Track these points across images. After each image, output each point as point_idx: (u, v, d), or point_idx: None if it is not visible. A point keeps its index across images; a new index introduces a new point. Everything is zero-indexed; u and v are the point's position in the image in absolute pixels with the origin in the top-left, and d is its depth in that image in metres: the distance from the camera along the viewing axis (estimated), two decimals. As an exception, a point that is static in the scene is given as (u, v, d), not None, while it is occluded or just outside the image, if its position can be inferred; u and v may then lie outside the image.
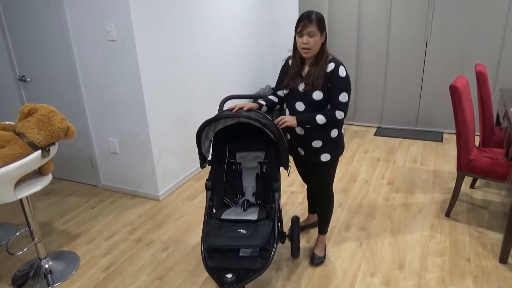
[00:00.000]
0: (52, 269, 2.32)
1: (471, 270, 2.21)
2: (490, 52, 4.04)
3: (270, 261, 1.79)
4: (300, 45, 1.91)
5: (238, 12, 3.98)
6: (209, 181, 2.05)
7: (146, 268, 2.35)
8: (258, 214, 1.99)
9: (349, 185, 3.30)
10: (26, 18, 3.03)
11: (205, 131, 1.96)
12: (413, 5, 4.17)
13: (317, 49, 1.92)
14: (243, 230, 1.85)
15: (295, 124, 1.98)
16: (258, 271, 1.78)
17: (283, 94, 2.15)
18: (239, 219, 1.95)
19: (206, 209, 2.01)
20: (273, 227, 1.89)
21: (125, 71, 2.82)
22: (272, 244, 1.84)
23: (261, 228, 1.86)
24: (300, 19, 1.88)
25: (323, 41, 1.93)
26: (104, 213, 3.00)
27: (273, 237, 1.86)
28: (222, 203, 2.15)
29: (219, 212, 2.03)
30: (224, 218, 1.97)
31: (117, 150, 3.16)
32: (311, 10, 1.91)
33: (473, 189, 3.14)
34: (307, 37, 1.87)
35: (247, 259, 1.81)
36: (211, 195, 2.06)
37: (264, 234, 1.81)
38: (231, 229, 1.87)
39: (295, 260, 2.36)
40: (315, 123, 1.96)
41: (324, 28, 1.91)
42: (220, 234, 1.83)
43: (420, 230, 2.61)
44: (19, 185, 2.04)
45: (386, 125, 4.80)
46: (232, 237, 1.81)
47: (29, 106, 1.99)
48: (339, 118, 1.97)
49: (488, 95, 2.94)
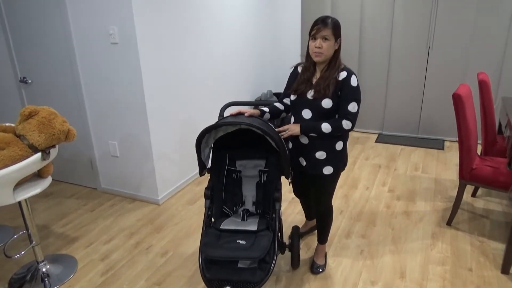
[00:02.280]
0: (49, 273, 2.29)
1: (472, 280, 2.19)
2: (492, 60, 4.04)
3: (270, 273, 1.75)
4: (312, 49, 1.87)
5: (240, 17, 3.98)
6: (208, 189, 2.01)
7: (145, 273, 2.32)
8: (258, 224, 1.95)
9: (350, 192, 3.28)
10: (28, 19, 3.02)
11: (205, 138, 1.92)
12: (415, 12, 4.17)
13: (330, 55, 1.88)
14: (243, 241, 1.80)
15: (298, 132, 1.94)
16: (257, 283, 1.73)
17: (290, 102, 2.09)
18: (239, 230, 1.91)
19: (205, 218, 1.96)
20: (273, 238, 1.84)
21: (127, 74, 2.81)
22: (272, 255, 1.80)
23: (261, 239, 1.82)
24: (315, 22, 1.85)
25: (336, 48, 1.89)
26: (103, 216, 2.98)
27: (273, 249, 1.82)
28: (221, 212, 2.10)
29: (218, 222, 1.99)
30: (223, 228, 1.92)
31: (117, 153, 3.15)
32: (328, 15, 1.88)
33: (475, 198, 3.12)
34: (321, 40, 1.83)
35: (246, 271, 1.77)
36: (210, 204, 2.02)
37: (264, 245, 1.77)
38: (230, 239, 1.83)
39: (295, 271, 2.31)
40: (319, 131, 1.90)
41: (339, 35, 1.87)
42: (219, 245, 1.79)
43: (421, 239, 2.59)
44: (18, 187, 2.02)
45: (388, 132, 4.79)
46: (231, 248, 1.76)
47: (30, 108, 1.98)
48: (346, 128, 1.90)
49: (491, 104, 2.94)
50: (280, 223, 2.01)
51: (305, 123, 1.94)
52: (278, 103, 2.16)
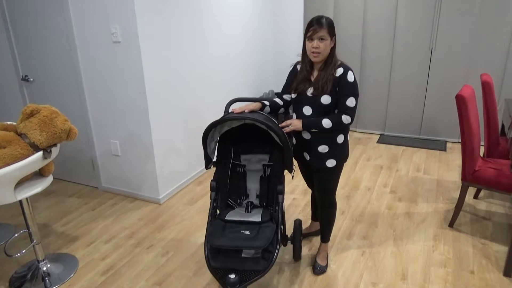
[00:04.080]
0: (50, 272, 2.29)
1: (474, 283, 2.18)
2: (495, 61, 4.02)
3: (273, 262, 1.80)
4: (310, 49, 1.92)
5: (242, 17, 3.97)
6: (214, 181, 2.07)
7: (145, 272, 2.32)
8: (262, 216, 2.01)
9: (351, 193, 3.27)
10: (30, 18, 3.02)
11: (211, 133, 1.99)
12: (418, 13, 4.16)
13: (327, 54, 1.93)
14: (247, 231, 1.86)
15: (300, 128, 1.99)
16: (261, 272, 1.79)
17: (289, 98, 2.16)
18: (243, 221, 1.97)
19: (210, 209, 2.03)
20: (276, 229, 1.90)
21: (129, 73, 2.80)
22: (275, 245, 1.85)
23: (264, 229, 1.88)
24: (310, 24, 1.88)
25: (332, 46, 1.94)
26: (104, 215, 2.98)
27: (276, 239, 1.88)
28: (226, 204, 2.17)
29: (223, 213, 2.05)
30: (228, 219, 1.98)
31: (118, 152, 3.14)
32: (321, 15, 1.91)
33: (477, 200, 3.11)
34: (318, 41, 1.87)
35: (250, 260, 1.82)
36: (216, 195, 2.08)
37: (268, 235, 1.82)
38: (234, 230, 1.89)
39: (296, 262, 2.36)
40: (321, 126, 1.96)
41: (334, 33, 1.92)
42: (224, 234, 1.85)
43: (423, 240, 2.58)
44: (19, 186, 2.02)
45: (389, 133, 4.77)
46: (235, 237, 1.82)
47: (32, 107, 1.98)
48: (346, 122, 1.96)
49: (494, 105, 2.92)
50: (283, 215, 2.06)
51: (306, 119, 1.99)
52: (278, 98, 2.21)
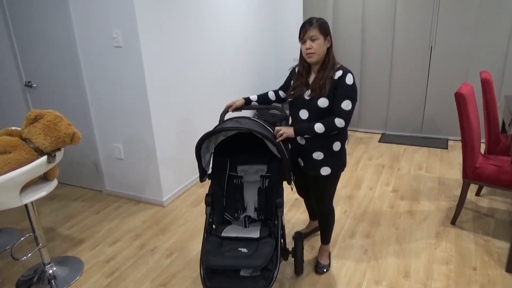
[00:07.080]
0: (56, 275, 2.32)
1: (477, 279, 2.19)
2: (495, 59, 4.03)
3: (273, 282, 1.70)
4: (304, 51, 1.90)
5: (243, 19, 3.99)
6: (209, 196, 1.96)
7: (150, 274, 2.34)
8: (260, 231, 1.90)
9: (353, 192, 3.29)
10: (32, 24, 3.06)
11: (205, 144, 1.88)
12: (417, 11, 4.17)
13: (322, 54, 1.89)
14: (244, 249, 1.76)
15: (292, 135, 1.91)
16: None
17: (284, 96, 2.18)
18: (240, 237, 1.86)
19: (206, 225, 1.92)
20: (276, 246, 1.80)
21: (131, 77, 2.83)
22: (275, 263, 1.75)
23: (263, 246, 1.78)
24: (301, 26, 1.88)
25: (328, 46, 1.90)
26: (108, 218, 3.00)
27: (276, 256, 1.77)
28: (223, 219, 2.05)
29: (219, 229, 1.94)
30: (225, 236, 1.88)
31: (121, 156, 3.17)
32: (313, 17, 1.91)
33: (479, 197, 3.12)
34: (310, 41, 1.85)
35: (248, 280, 1.72)
36: (211, 210, 1.97)
37: (267, 253, 1.73)
38: (231, 247, 1.78)
39: (298, 277, 2.26)
40: (313, 131, 1.88)
41: (327, 33, 1.88)
42: (220, 253, 1.75)
43: (426, 238, 2.59)
44: (25, 190, 2.05)
45: (391, 132, 4.78)
46: (232, 256, 1.72)
47: (36, 112, 2.00)
48: (339, 126, 1.87)
49: (494, 102, 2.93)
50: (283, 230, 1.96)
51: (298, 125, 1.93)
52: (272, 92, 2.20)
